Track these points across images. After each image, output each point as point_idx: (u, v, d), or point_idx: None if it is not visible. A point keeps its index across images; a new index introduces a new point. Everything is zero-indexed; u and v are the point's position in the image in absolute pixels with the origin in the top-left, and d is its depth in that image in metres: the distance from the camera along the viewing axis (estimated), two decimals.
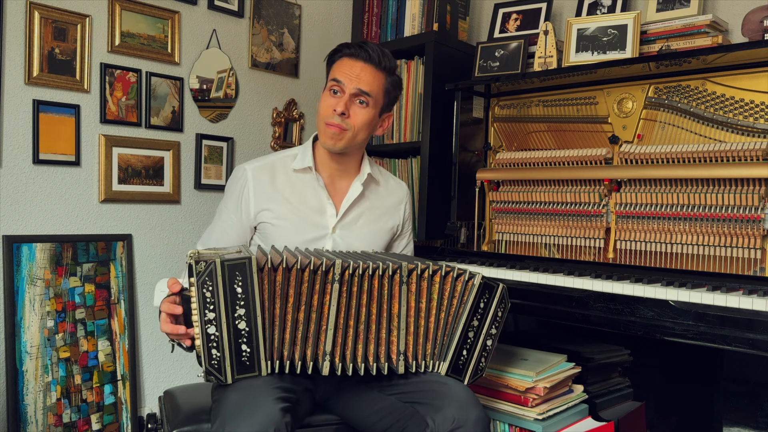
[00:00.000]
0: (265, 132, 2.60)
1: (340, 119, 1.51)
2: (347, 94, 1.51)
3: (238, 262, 1.21)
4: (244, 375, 1.24)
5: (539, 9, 2.36)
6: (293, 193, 1.58)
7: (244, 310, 1.22)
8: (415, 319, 1.35)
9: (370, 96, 1.52)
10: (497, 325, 1.41)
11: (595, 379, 2.00)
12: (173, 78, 2.29)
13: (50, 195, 2.03)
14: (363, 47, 1.53)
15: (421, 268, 1.34)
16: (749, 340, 1.36)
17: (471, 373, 1.39)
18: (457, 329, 1.36)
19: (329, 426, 1.48)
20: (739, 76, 1.76)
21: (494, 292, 1.40)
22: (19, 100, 1.94)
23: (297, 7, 2.66)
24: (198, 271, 1.20)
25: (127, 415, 2.13)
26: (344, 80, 1.51)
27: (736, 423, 1.84)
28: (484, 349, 1.40)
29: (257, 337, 1.23)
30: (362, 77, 1.51)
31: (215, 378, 1.22)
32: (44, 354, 1.97)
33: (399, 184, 1.77)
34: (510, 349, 1.95)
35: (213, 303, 1.21)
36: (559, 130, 2.12)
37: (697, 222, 1.74)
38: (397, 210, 1.73)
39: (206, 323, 1.21)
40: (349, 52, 1.54)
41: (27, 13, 1.93)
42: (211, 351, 1.21)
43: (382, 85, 1.55)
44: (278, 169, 1.60)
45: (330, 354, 1.28)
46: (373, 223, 1.66)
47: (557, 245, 2.04)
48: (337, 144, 1.53)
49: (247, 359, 1.23)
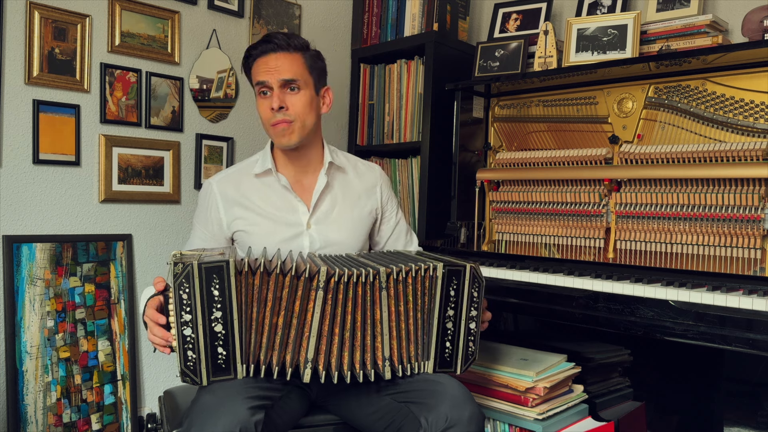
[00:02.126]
0: (264, 132, 2.59)
1: (282, 114, 1.50)
2: (276, 88, 1.49)
3: (215, 265, 1.21)
4: (219, 377, 1.23)
5: (539, 9, 2.36)
6: (260, 197, 1.57)
7: (221, 312, 1.22)
8: (396, 323, 1.33)
9: (297, 80, 1.50)
10: (476, 306, 1.38)
11: (595, 379, 2.00)
12: (173, 78, 2.29)
13: (50, 195, 2.03)
14: (266, 40, 1.52)
15: (396, 272, 1.33)
16: (749, 340, 1.36)
17: (461, 362, 1.37)
18: (433, 325, 1.35)
19: (328, 426, 1.48)
20: (739, 76, 1.76)
21: (462, 276, 1.36)
22: (19, 100, 1.94)
23: (297, 7, 2.66)
24: (175, 273, 1.19)
25: (127, 415, 2.13)
26: (266, 78, 1.50)
27: (736, 423, 1.84)
28: (469, 334, 1.37)
29: (233, 340, 1.23)
30: (279, 67, 1.49)
31: (190, 380, 1.22)
32: (44, 354, 1.97)
33: (369, 167, 1.73)
34: (510, 349, 1.95)
35: (189, 305, 1.20)
36: (559, 130, 2.12)
37: (697, 222, 1.74)
38: (372, 193, 1.69)
39: (182, 325, 1.20)
40: (257, 52, 1.52)
41: (27, 13, 1.93)
42: (187, 352, 1.21)
43: (302, 63, 1.52)
44: (242, 177, 1.60)
45: (312, 361, 1.27)
46: (348, 211, 1.64)
47: (557, 245, 2.04)
48: (291, 138, 1.52)
49: (223, 362, 1.23)
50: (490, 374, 1.79)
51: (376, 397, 1.39)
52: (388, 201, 1.74)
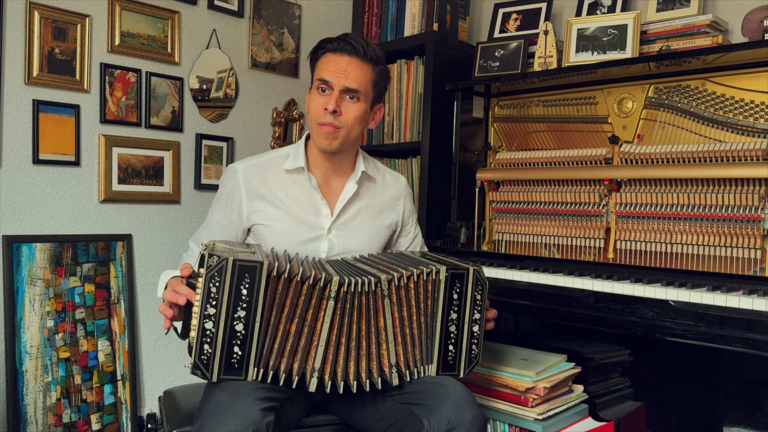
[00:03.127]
0: (265, 132, 2.60)
1: (332, 117, 1.47)
2: (336, 91, 1.47)
3: (249, 265, 1.21)
4: (229, 376, 1.23)
5: (539, 9, 2.36)
6: (286, 193, 1.54)
7: (244, 312, 1.21)
8: (401, 329, 1.34)
9: (360, 91, 1.48)
10: (479, 309, 1.38)
11: (595, 379, 2.00)
12: (173, 78, 2.29)
13: (50, 195, 2.03)
14: (346, 40, 1.49)
15: (398, 278, 1.33)
16: (749, 340, 1.36)
17: (465, 365, 1.37)
18: (436, 328, 1.35)
19: (329, 426, 1.48)
20: (739, 76, 1.76)
21: (465, 279, 1.36)
22: (19, 100, 1.94)
23: (297, 7, 2.66)
24: (209, 265, 1.19)
25: (127, 415, 2.13)
26: (331, 79, 1.47)
27: (736, 423, 1.84)
28: (472, 337, 1.37)
29: (251, 342, 1.22)
30: (349, 73, 1.47)
31: (201, 373, 1.21)
32: (44, 354, 1.97)
33: (396, 179, 1.72)
34: (510, 349, 1.95)
35: (216, 299, 1.20)
36: (559, 130, 2.12)
37: (697, 222, 1.74)
38: (395, 206, 1.68)
39: (205, 317, 1.20)
40: (332, 47, 1.49)
41: (27, 13, 1.93)
42: (203, 345, 1.20)
43: (370, 77, 1.51)
44: (270, 169, 1.56)
45: (319, 371, 1.27)
46: (371, 221, 1.62)
47: (557, 245, 2.04)
48: (333, 143, 1.49)
49: (236, 362, 1.22)
50: (491, 374, 1.79)
51: (379, 398, 1.38)
52: (409, 215, 1.73)
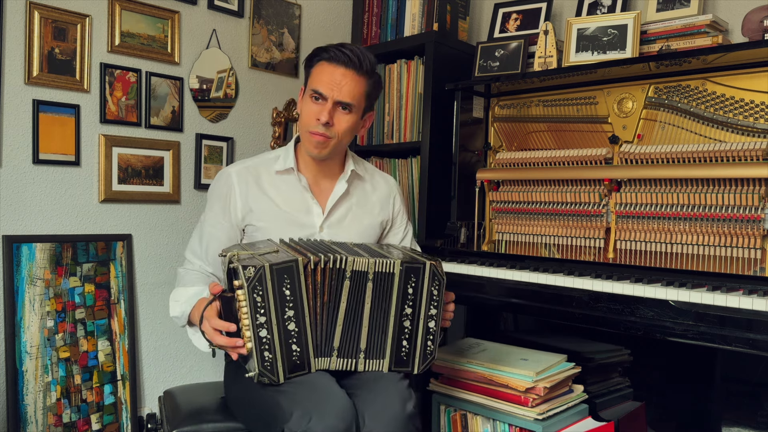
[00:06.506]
0: (265, 132, 2.60)
1: (324, 128, 1.49)
2: (330, 103, 1.48)
3: (286, 266, 1.25)
4: (295, 374, 1.28)
5: (539, 9, 2.36)
6: (278, 194, 1.57)
7: (293, 311, 1.26)
8: (369, 319, 1.36)
9: (353, 105, 1.50)
10: (436, 304, 1.36)
11: (595, 379, 2.00)
12: (173, 78, 2.29)
13: (50, 195, 2.03)
14: (341, 50, 1.49)
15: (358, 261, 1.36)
16: (749, 340, 1.36)
17: (419, 361, 1.36)
18: (389, 323, 1.35)
19: None
20: (739, 76, 1.76)
21: (421, 273, 1.34)
22: (19, 100, 1.94)
23: (297, 7, 2.66)
24: (248, 277, 1.22)
25: (127, 415, 2.13)
26: (325, 92, 1.48)
27: (735, 423, 1.84)
28: (427, 333, 1.36)
29: (306, 336, 1.28)
30: (343, 86, 1.48)
31: (268, 378, 1.26)
32: (44, 354, 1.97)
33: (385, 179, 1.75)
34: (510, 349, 1.96)
35: (264, 307, 1.24)
36: (559, 130, 2.12)
37: (697, 222, 1.74)
38: (386, 204, 1.72)
39: (258, 327, 1.24)
40: (327, 56, 1.50)
41: (27, 13, 1.93)
42: (264, 353, 1.24)
43: (363, 90, 1.52)
44: (261, 171, 1.59)
45: (337, 350, 1.32)
46: (361, 219, 1.65)
47: (557, 245, 2.04)
48: (322, 152, 1.53)
49: (298, 358, 1.28)
50: (491, 374, 1.80)
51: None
52: (399, 213, 1.75)
